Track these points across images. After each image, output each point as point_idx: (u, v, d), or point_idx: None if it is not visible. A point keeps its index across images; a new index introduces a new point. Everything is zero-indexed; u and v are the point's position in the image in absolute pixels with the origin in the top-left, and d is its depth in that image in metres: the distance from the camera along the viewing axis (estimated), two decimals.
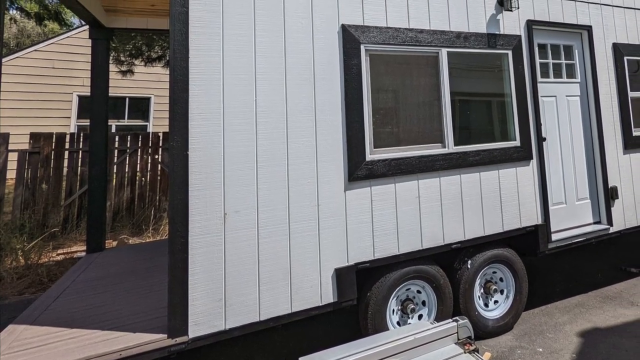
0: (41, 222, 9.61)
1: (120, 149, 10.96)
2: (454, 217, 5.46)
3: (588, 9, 7.04)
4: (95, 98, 7.41)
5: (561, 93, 6.74)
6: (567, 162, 6.64)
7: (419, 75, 5.62)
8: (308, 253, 4.57)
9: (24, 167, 9.74)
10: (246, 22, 4.52)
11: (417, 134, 5.49)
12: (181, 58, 4.16)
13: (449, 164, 5.47)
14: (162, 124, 16.87)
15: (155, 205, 10.96)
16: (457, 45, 5.74)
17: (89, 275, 6.06)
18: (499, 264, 5.78)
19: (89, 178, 7.38)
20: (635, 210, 6.99)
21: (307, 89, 4.77)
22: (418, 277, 5.18)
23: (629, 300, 6.33)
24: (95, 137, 7.37)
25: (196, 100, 4.19)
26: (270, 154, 4.49)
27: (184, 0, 4.22)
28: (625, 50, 7.31)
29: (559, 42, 6.87)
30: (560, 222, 6.39)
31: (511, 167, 5.95)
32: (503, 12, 6.21)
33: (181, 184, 4.06)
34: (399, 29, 5.35)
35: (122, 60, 12.92)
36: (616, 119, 7.04)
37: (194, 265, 4.01)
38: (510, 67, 6.13)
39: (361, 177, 4.89)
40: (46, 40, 16.80)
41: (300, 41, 4.80)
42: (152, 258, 6.78)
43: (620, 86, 7.15)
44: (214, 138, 4.25)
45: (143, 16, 8.23)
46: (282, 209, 4.48)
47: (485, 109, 6.20)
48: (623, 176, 6.94)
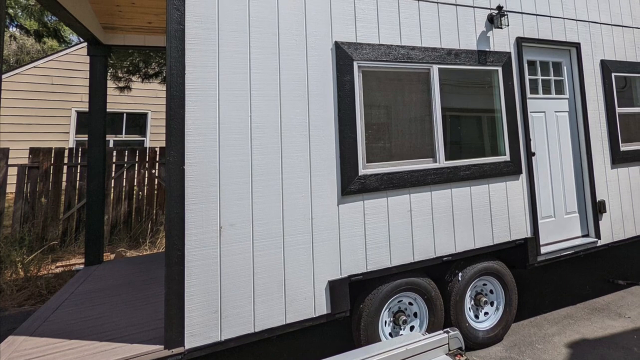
0: (40, 236, 9.65)
1: (118, 163, 10.99)
2: (445, 231, 5.51)
3: (576, 27, 7.13)
4: (93, 114, 7.46)
5: (550, 109, 6.82)
6: (556, 176, 6.70)
7: (411, 91, 5.67)
8: (302, 265, 4.61)
9: (24, 182, 9.78)
10: (241, 40, 4.57)
11: (408, 148, 5.53)
12: (178, 74, 4.22)
13: (440, 179, 5.53)
14: (159, 139, 17.01)
15: (152, 218, 11.02)
16: (448, 61, 5.81)
17: (87, 288, 6.09)
18: (489, 276, 5.83)
19: (87, 192, 7.42)
20: (622, 223, 7.07)
21: (301, 104, 4.84)
22: (410, 289, 5.22)
23: (617, 312, 6.38)
24: (93, 152, 7.41)
25: (192, 116, 4.24)
26: (265, 169, 4.54)
27: (181, 18, 4.29)
28: (613, 67, 7.40)
29: (548, 59, 6.94)
30: (549, 235, 6.45)
31: (501, 181, 6.02)
32: (493, 29, 6.29)
33: (178, 198, 4.10)
34: (391, 46, 5.43)
35: (119, 76, 13.02)
36: (604, 134, 7.13)
37: (190, 278, 4.06)
38: (500, 84, 6.20)
39: (354, 191, 4.94)
40: (45, 57, 16.85)
41: (294, 58, 4.85)
42: (149, 270, 6.81)
43: (608, 102, 7.24)
44: (209, 153, 4.30)
45: (140, 33, 8.32)
46: (277, 223, 4.52)
47: (475, 124, 6.25)
48: (611, 190, 7.02)
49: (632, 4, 7.97)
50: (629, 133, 7.55)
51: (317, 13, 5.05)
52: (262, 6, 4.74)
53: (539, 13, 6.79)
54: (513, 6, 6.54)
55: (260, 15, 4.71)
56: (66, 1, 5.81)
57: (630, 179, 7.32)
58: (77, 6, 6.28)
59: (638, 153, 7.48)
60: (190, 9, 4.36)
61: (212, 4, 4.48)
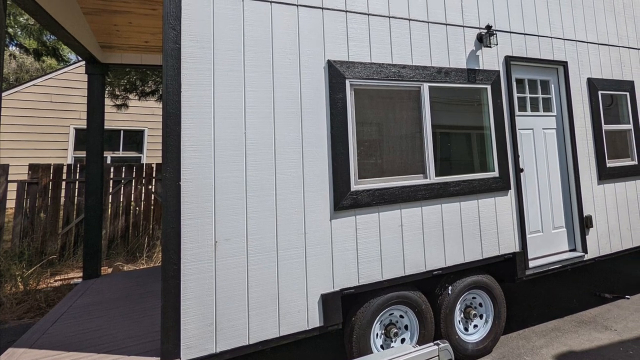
0: (39, 250, 9.72)
1: (115, 179, 11.07)
2: (435, 245, 5.56)
3: (564, 46, 7.24)
4: (91, 131, 7.52)
5: (538, 126, 6.90)
6: (544, 192, 6.78)
7: (402, 108, 5.72)
8: (295, 279, 4.66)
9: (23, 197, 9.84)
10: (236, 58, 4.63)
11: (400, 165, 5.59)
12: (174, 92, 4.27)
13: (431, 194, 5.58)
14: (155, 156, 17.19)
15: (149, 233, 11.07)
16: (439, 80, 5.87)
17: (85, 301, 6.13)
18: (479, 289, 5.89)
19: (86, 207, 7.48)
20: (609, 238, 7.14)
21: (295, 122, 4.89)
22: (401, 302, 5.27)
23: (603, 325, 6.43)
24: (91, 168, 7.48)
25: (188, 133, 4.30)
26: (259, 185, 4.59)
27: (177, 37, 4.34)
28: (600, 85, 7.50)
29: (536, 77, 7.02)
30: (537, 250, 6.53)
31: (490, 197, 6.09)
32: (482, 48, 6.36)
33: (174, 213, 4.14)
34: (383, 65, 5.49)
35: (117, 94, 13.09)
36: (591, 150, 7.21)
37: (186, 291, 4.10)
38: (489, 101, 6.28)
39: (346, 206, 4.99)
40: (44, 76, 16.99)
41: (287, 76, 4.91)
42: (146, 284, 6.86)
43: (594, 119, 7.34)
44: (205, 169, 4.35)
45: (137, 52, 8.40)
46: (271, 237, 4.57)
47: (465, 141, 6.29)
48: (597, 206, 7.10)
49: (617, 24, 8.08)
50: (615, 150, 7.64)
51: (310, 32, 5.11)
52: (256, 26, 4.79)
53: (527, 32, 6.88)
54: (502, 25, 6.62)
55: (254, 35, 4.77)
56: (65, 20, 5.87)
57: (616, 194, 7.41)
58: (75, 25, 6.34)
59: (624, 169, 7.57)
60: (186, 29, 4.42)
61: (207, 24, 4.53)
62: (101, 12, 6.55)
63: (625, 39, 8.18)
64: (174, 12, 4.38)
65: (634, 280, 8.53)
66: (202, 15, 4.53)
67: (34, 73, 24.70)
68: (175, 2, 4.40)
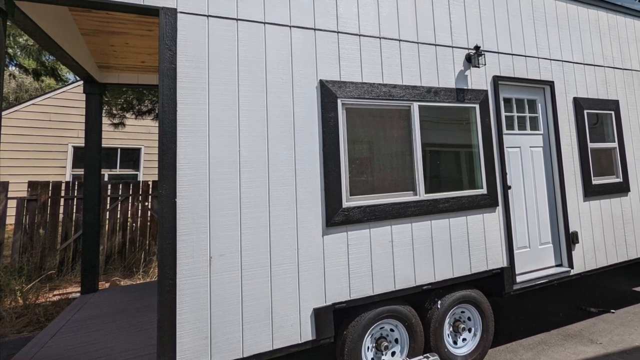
0: (38, 265, 9.78)
1: (113, 196, 11.16)
2: (425, 260, 5.63)
3: (550, 66, 7.34)
4: (89, 149, 7.58)
5: (525, 144, 7.00)
6: (531, 208, 6.87)
7: (392, 127, 5.80)
8: (288, 294, 4.71)
9: (23, 214, 9.90)
10: (230, 78, 4.70)
11: (390, 182, 5.66)
12: (170, 111, 4.33)
13: (420, 211, 5.66)
14: (151, 173, 17.46)
15: (146, 249, 11.14)
16: (428, 99, 5.96)
17: (83, 315, 6.17)
18: (467, 304, 5.96)
19: (83, 224, 7.53)
20: (594, 253, 7.21)
21: (288, 140, 4.95)
22: (391, 316, 5.34)
23: (589, 338, 6.51)
24: (89, 185, 7.54)
25: (184, 151, 4.35)
26: (253, 201, 4.64)
27: (173, 58, 4.41)
28: (585, 104, 7.60)
29: (524, 97, 7.12)
30: (525, 265, 6.60)
31: (478, 213, 6.17)
32: (471, 68, 6.45)
33: (170, 229, 4.19)
34: (374, 84, 5.57)
35: (114, 113, 13.19)
36: (577, 168, 7.30)
37: (182, 305, 4.14)
38: (477, 120, 6.38)
39: (338, 222, 5.06)
40: (43, 95, 17.13)
41: (281, 95, 4.98)
42: (143, 298, 6.90)
43: (580, 138, 7.42)
44: (200, 186, 4.40)
45: (134, 72, 8.45)
46: (264, 253, 4.62)
47: (454, 159, 6.36)
48: (583, 222, 7.19)
49: (603, 45, 8.20)
50: (601, 167, 7.73)
51: (303, 53, 5.18)
52: (250, 46, 4.86)
53: (514, 53, 6.97)
54: (490, 46, 6.72)
55: (248, 55, 4.83)
56: (63, 41, 5.93)
57: (601, 211, 7.49)
58: (73, 46, 6.39)
59: (609, 186, 7.67)
60: (181, 49, 4.48)
61: (202, 45, 4.60)
62: (99, 33, 6.60)
63: (611, 59, 8.29)
64: (170, 33, 4.45)
65: (618, 295, 8.64)
66: (197, 36, 4.59)
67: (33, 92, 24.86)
68: (171, 23, 4.47)
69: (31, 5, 4.84)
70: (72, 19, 6.16)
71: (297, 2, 5.26)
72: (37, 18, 5.09)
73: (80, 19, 6.16)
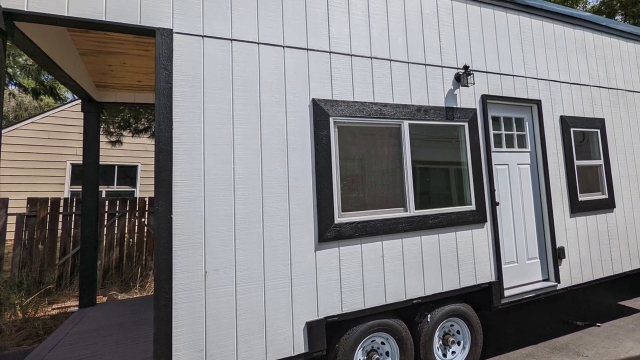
0: (37, 280, 9.85)
1: (110, 212, 11.23)
2: (415, 275, 5.71)
3: (538, 85, 7.45)
4: (87, 166, 7.60)
5: (513, 161, 7.12)
6: (519, 224, 6.97)
7: (383, 144, 5.88)
8: (282, 307, 4.78)
9: (22, 229, 9.97)
10: (225, 97, 4.78)
11: (381, 198, 5.75)
12: (165, 129, 4.40)
13: (411, 227, 5.75)
14: (148, 190, 17.72)
15: (142, 264, 11.22)
16: (418, 117, 6.04)
17: (81, 328, 6.20)
18: (456, 317, 6.02)
19: (82, 239, 7.55)
20: (580, 268, 7.30)
21: (281, 157, 5.03)
22: (382, 329, 5.40)
23: (575, 351, 6.56)
24: (87, 201, 7.57)
25: (179, 168, 4.42)
26: (247, 217, 4.71)
27: (168, 77, 4.49)
28: (572, 122, 7.71)
29: (511, 115, 7.24)
30: (512, 280, 6.69)
31: (467, 229, 6.26)
32: (460, 87, 6.54)
33: (165, 245, 4.26)
34: (365, 103, 5.66)
35: (111, 131, 13.31)
36: (563, 185, 7.41)
37: (178, 319, 4.21)
38: (466, 138, 6.47)
39: (330, 238, 5.14)
40: (42, 113, 17.30)
41: (274, 114, 5.06)
42: (139, 312, 6.93)
43: (567, 155, 7.53)
44: (195, 202, 4.46)
45: (131, 91, 8.52)
46: (258, 267, 4.69)
47: (443, 175, 6.44)
48: (569, 237, 7.28)
49: (589, 64, 8.32)
50: (587, 184, 7.83)
51: (296, 73, 5.27)
52: (244, 66, 4.95)
53: (502, 72, 7.08)
54: (478, 66, 6.82)
55: (242, 75, 4.92)
56: (62, 61, 5.98)
57: (587, 227, 7.59)
58: (72, 66, 6.43)
59: (595, 203, 7.77)
60: (177, 69, 4.56)
61: (197, 64, 4.68)
62: (97, 53, 6.66)
63: (597, 79, 8.41)
64: (166, 53, 4.53)
65: (604, 309, 8.72)
66: (192, 56, 4.67)
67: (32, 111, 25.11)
68: (167, 43, 4.56)
69: (31, 26, 4.90)
70: (71, 40, 6.22)
71: (290, 23, 5.36)
72: (36, 38, 5.15)
73: (78, 40, 6.23)
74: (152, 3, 4.60)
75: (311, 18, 5.53)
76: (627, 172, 8.55)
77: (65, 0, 4.27)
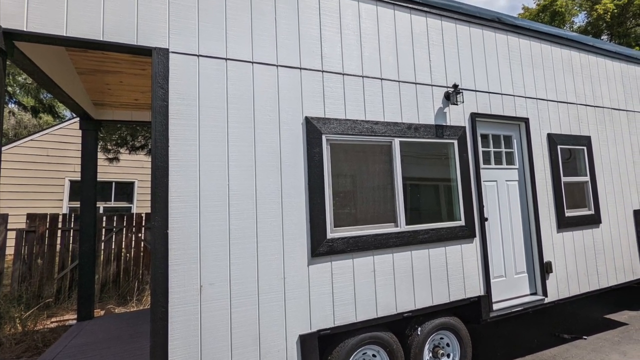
0: (37, 293, 9.93)
1: (108, 228, 11.33)
2: (405, 289, 5.80)
3: (525, 103, 7.58)
4: (85, 182, 7.69)
5: (501, 178, 7.24)
6: (507, 239, 7.09)
7: (375, 161, 5.97)
8: (275, 321, 4.85)
9: (22, 244, 10.06)
10: (220, 115, 4.87)
11: (372, 214, 5.83)
12: (162, 147, 4.48)
13: (401, 242, 5.84)
14: (144, 206, 17.90)
15: (139, 278, 11.30)
16: (409, 135, 6.15)
17: (79, 341, 6.26)
18: (446, 330, 6.10)
19: (80, 254, 7.62)
20: (567, 282, 7.41)
21: (274, 174, 5.11)
22: (373, 342, 5.47)
23: None
24: (85, 217, 7.64)
25: (175, 185, 4.50)
26: (241, 233, 4.79)
27: (165, 96, 4.57)
28: (559, 140, 7.84)
29: (500, 133, 7.37)
30: (501, 293, 6.80)
31: (457, 244, 6.36)
32: (449, 105, 6.67)
33: (162, 259, 4.32)
34: (357, 121, 5.75)
35: (109, 148, 13.41)
36: (551, 201, 7.53)
37: (173, 332, 4.28)
38: (455, 155, 6.58)
39: (323, 253, 5.22)
40: (41, 131, 17.42)
41: (268, 132, 5.14)
42: (136, 325, 6.99)
43: (554, 172, 7.66)
44: (191, 218, 4.54)
45: (128, 109, 8.62)
46: (252, 282, 4.77)
47: (433, 192, 6.51)
48: (557, 252, 7.39)
49: (575, 83, 8.48)
50: (574, 200, 7.96)
51: (289, 91, 5.37)
52: (239, 85, 5.04)
53: (491, 91, 7.21)
54: (468, 84, 6.94)
55: (237, 93, 5.01)
56: (61, 80, 6.06)
57: (574, 242, 7.71)
58: (70, 85, 6.51)
59: (581, 218, 7.90)
60: (173, 87, 4.65)
61: (193, 83, 4.77)
62: (94, 72, 6.72)
63: (583, 97, 8.57)
64: (162, 72, 4.62)
65: (591, 322, 8.84)
66: (188, 75, 4.77)
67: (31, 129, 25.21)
68: (163, 63, 4.64)
69: (30, 45, 4.97)
70: (69, 59, 6.30)
71: (283, 43, 5.47)
72: (35, 58, 5.22)
73: (76, 59, 6.30)
74: (149, 23, 4.70)
75: (304, 38, 5.65)
76: (612, 189, 8.70)
77: (63, 21, 4.36)
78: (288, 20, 5.56)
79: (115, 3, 4.59)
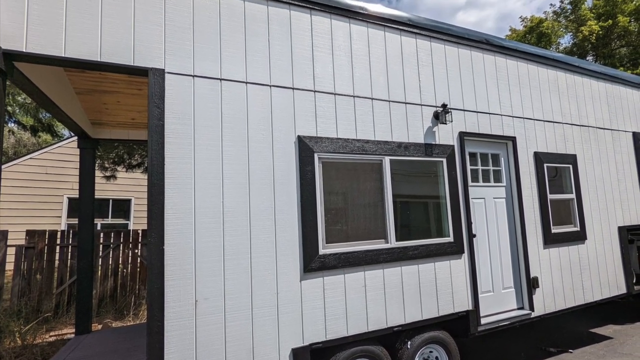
0: (36, 308, 9.99)
1: (105, 244, 11.44)
2: (396, 304, 5.89)
3: (513, 122, 7.72)
4: (83, 200, 7.78)
5: (489, 195, 7.38)
6: (495, 255, 7.22)
7: (365, 179, 6.05)
8: (268, 335, 4.92)
9: (21, 260, 10.13)
10: (214, 134, 4.95)
11: (363, 230, 5.92)
12: (158, 165, 4.55)
13: (392, 257, 5.93)
14: (141, 222, 18.05)
15: (136, 293, 11.39)
16: (399, 153, 6.25)
17: (77, 355, 6.30)
18: (435, 344, 6.19)
19: (78, 269, 7.68)
20: (553, 297, 7.52)
21: (268, 191, 5.19)
22: (364, 356, 5.54)
23: None
24: (83, 233, 7.70)
25: (171, 202, 4.57)
26: (235, 249, 4.87)
27: (161, 115, 4.66)
28: (545, 158, 7.98)
29: (488, 151, 7.50)
30: (489, 308, 6.91)
31: (446, 260, 6.47)
32: (438, 124, 6.78)
33: (158, 275, 4.39)
34: (348, 140, 5.85)
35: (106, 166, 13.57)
36: (537, 218, 7.66)
37: (169, 346, 4.34)
38: (444, 173, 6.69)
39: (315, 268, 5.31)
40: (40, 150, 17.56)
41: (261, 150, 5.23)
42: (133, 339, 7.03)
43: (540, 189, 7.81)
44: (186, 234, 4.61)
45: (125, 128, 8.73)
46: (246, 297, 4.85)
47: (423, 209, 6.59)
48: (543, 268, 7.52)
49: (562, 103, 8.66)
50: (560, 217, 8.10)
51: (282, 111, 5.47)
52: (233, 104, 5.14)
53: (479, 110, 7.35)
54: (456, 104, 7.08)
55: (231, 112, 5.10)
56: (59, 100, 6.13)
57: (560, 257, 7.84)
58: (68, 104, 6.59)
59: (567, 235, 8.03)
60: (169, 107, 4.74)
61: (188, 103, 4.86)
62: (92, 92, 6.81)
63: (569, 116, 8.73)
64: (158, 92, 4.71)
65: (576, 336, 8.95)
66: (183, 95, 4.85)
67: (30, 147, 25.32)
68: (159, 83, 4.73)
69: (29, 66, 5.06)
70: (67, 79, 6.40)
71: (276, 63, 5.57)
72: (34, 78, 5.31)
73: (74, 79, 6.41)
74: (145, 44, 4.81)
75: (297, 58, 5.75)
76: (597, 206, 8.86)
77: (62, 42, 4.45)
78: (281, 41, 5.66)
79: (112, 24, 4.69)
